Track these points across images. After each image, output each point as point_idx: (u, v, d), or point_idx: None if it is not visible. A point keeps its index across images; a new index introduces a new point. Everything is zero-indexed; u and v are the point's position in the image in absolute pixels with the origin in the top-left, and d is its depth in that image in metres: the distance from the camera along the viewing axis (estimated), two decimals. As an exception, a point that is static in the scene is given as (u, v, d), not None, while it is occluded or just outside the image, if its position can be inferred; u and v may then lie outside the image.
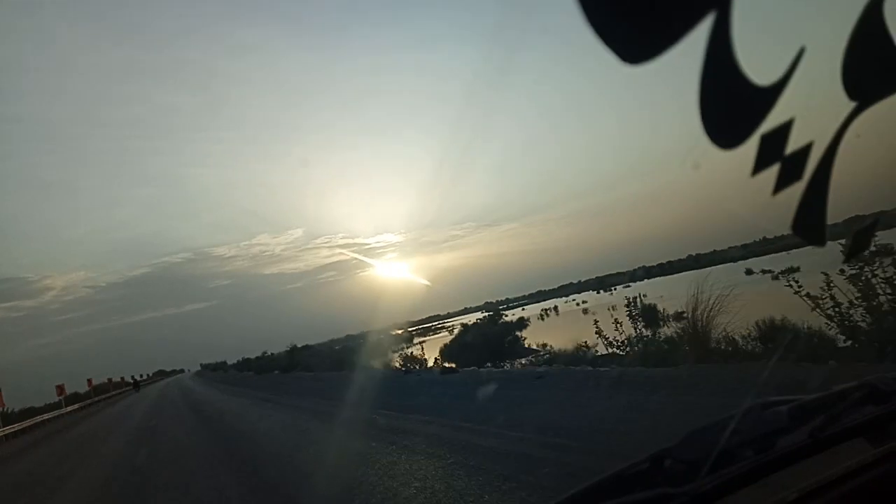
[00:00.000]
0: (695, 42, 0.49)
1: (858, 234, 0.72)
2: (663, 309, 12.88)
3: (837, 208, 0.66)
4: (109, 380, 68.79)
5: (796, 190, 0.62)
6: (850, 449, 1.06)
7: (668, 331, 10.91)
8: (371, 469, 6.11)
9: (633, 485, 0.79)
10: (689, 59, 0.51)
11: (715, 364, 7.81)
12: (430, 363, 19.42)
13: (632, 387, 7.70)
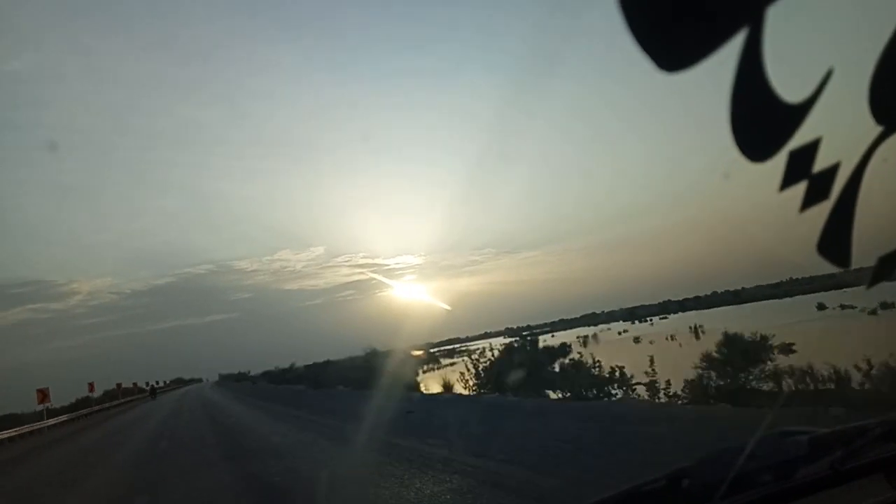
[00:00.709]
0: (719, 66, 0.51)
1: (883, 261, 0.72)
2: (766, 339, 10.21)
3: (868, 241, 0.67)
4: (119, 385, 58.40)
5: (820, 221, 0.63)
6: (869, 485, 1.04)
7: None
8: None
9: (649, 502, 0.78)
10: (709, 90, 0.52)
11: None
12: (460, 386, 17.42)
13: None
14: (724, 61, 0.49)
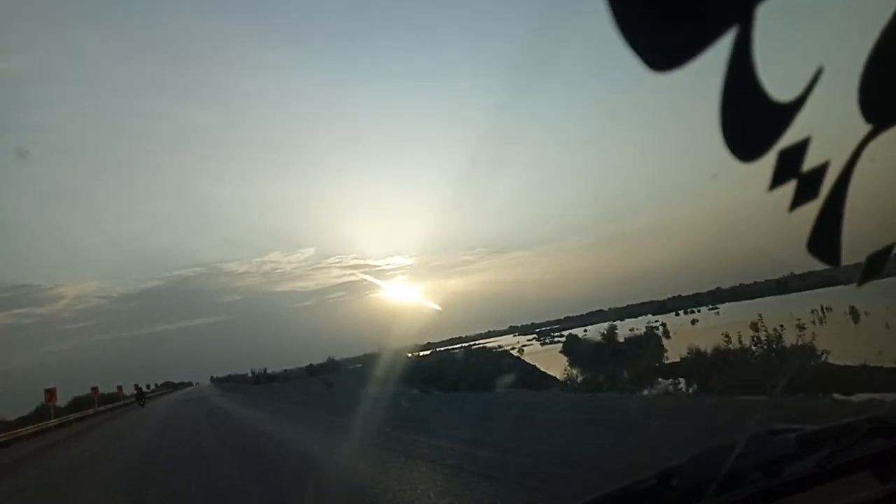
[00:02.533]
0: (711, 63, 0.51)
1: (872, 259, 0.72)
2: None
3: (857, 239, 0.67)
4: (94, 390, 44.74)
5: (811, 215, 0.63)
6: (856, 482, 1.05)
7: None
8: None
9: (640, 500, 0.78)
10: (703, 87, 0.52)
11: None
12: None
13: None
14: (714, 60, 0.49)
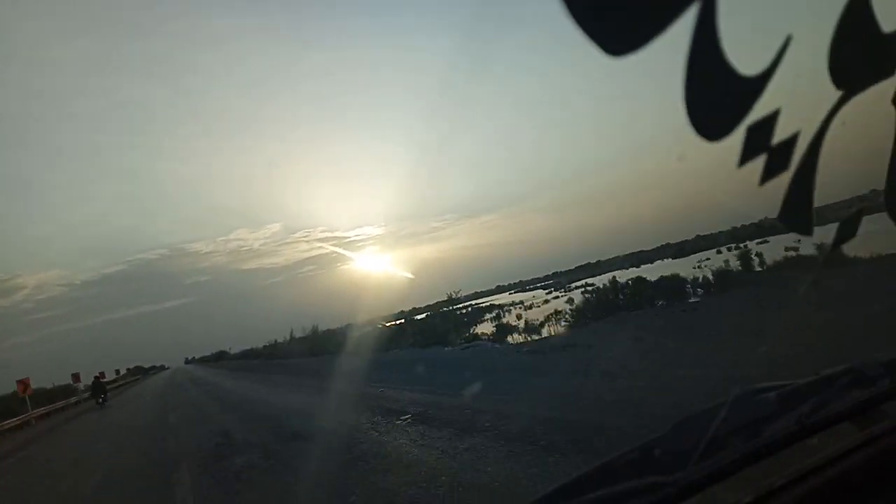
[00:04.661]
0: (680, 32, 0.49)
1: (844, 223, 0.72)
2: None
3: (824, 195, 0.66)
4: (22, 383, 27.30)
5: (784, 180, 0.62)
6: (837, 434, 1.08)
7: None
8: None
9: (623, 474, 0.80)
10: (674, 49, 0.50)
11: None
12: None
13: None
14: (676, 39, 0.47)
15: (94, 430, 17.11)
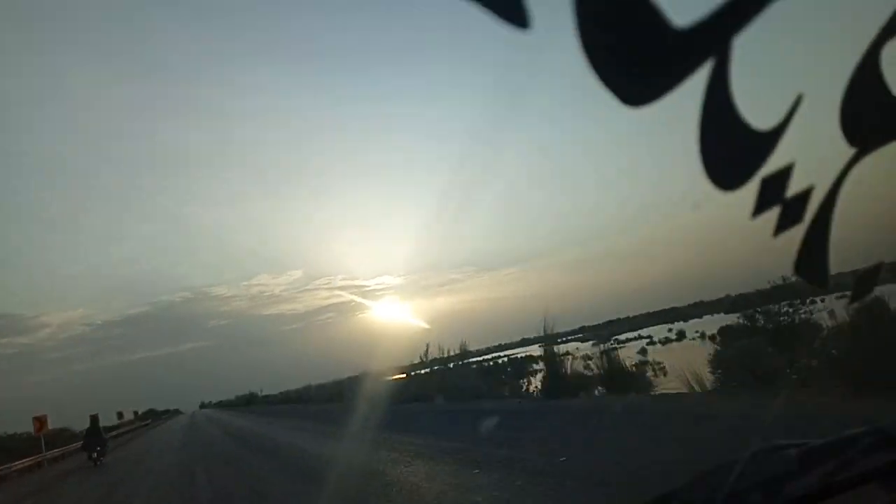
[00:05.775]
0: (695, 86, 0.52)
1: (862, 278, 0.72)
2: None
3: (842, 259, 0.67)
4: (38, 419, 24.63)
5: (798, 234, 0.64)
6: (862, 496, 1.04)
7: None
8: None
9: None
10: (690, 102, 0.53)
11: None
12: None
13: None
14: (691, 92, 0.50)
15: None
